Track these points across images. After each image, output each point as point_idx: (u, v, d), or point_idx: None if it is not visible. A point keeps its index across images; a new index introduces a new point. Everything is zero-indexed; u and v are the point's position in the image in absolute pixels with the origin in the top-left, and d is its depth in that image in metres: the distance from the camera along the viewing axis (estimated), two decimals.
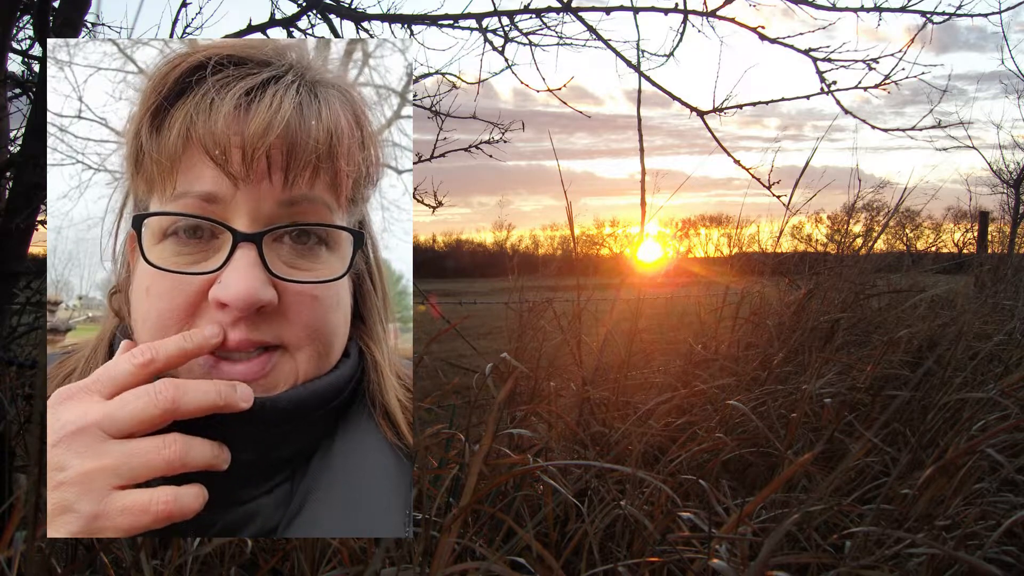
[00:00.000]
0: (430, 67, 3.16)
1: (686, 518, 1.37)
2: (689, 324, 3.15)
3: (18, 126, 2.69)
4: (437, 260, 34.48)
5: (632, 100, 7.10)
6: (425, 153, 3.21)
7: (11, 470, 1.71)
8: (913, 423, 2.14)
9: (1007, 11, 3.04)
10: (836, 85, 2.95)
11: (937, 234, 12.41)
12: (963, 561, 1.19)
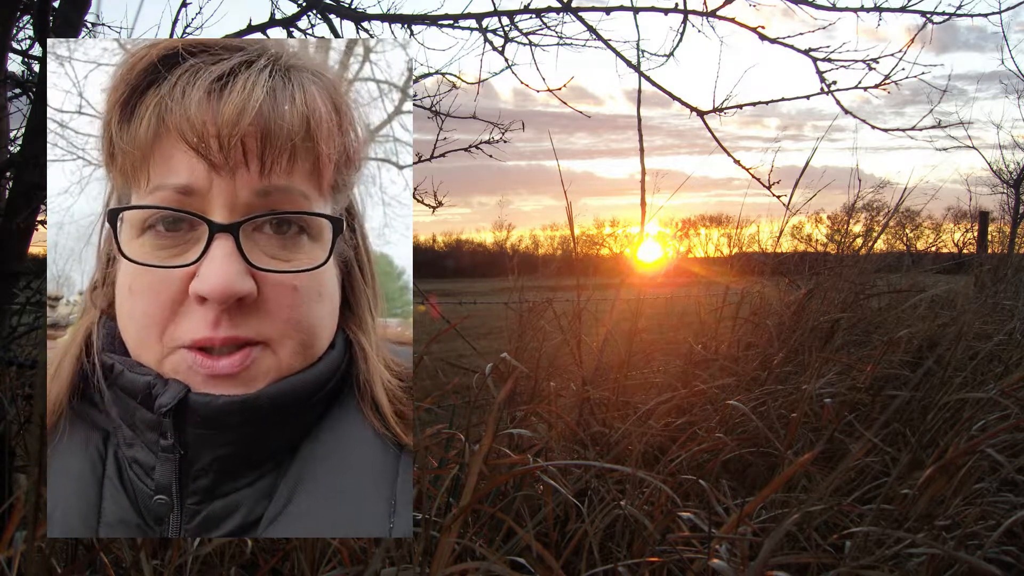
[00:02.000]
0: (430, 67, 3.16)
1: (686, 518, 1.37)
2: (689, 324, 3.15)
3: (18, 126, 2.69)
4: (437, 260, 34.47)
5: (632, 100, 7.10)
6: (425, 153, 3.21)
7: (11, 470, 1.71)
8: (913, 423, 2.14)
9: (1007, 11, 3.05)
10: (836, 85, 2.95)
11: (937, 234, 12.40)
12: (963, 561, 1.19)
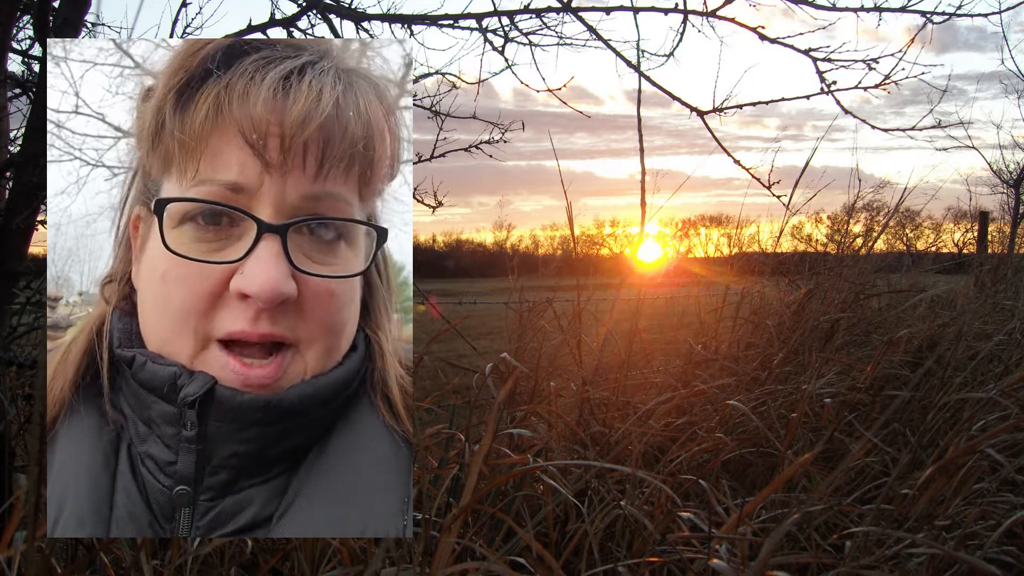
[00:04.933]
0: (430, 67, 3.16)
1: (686, 518, 1.37)
2: (689, 324, 3.14)
3: (18, 126, 2.69)
4: (437, 260, 34.52)
5: (632, 100, 7.09)
6: (425, 153, 3.20)
7: (11, 470, 1.71)
8: (913, 423, 2.14)
9: (1007, 11, 3.05)
10: (836, 85, 2.95)
11: (937, 234, 12.42)
12: (963, 561, 1.19)
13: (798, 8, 2.86)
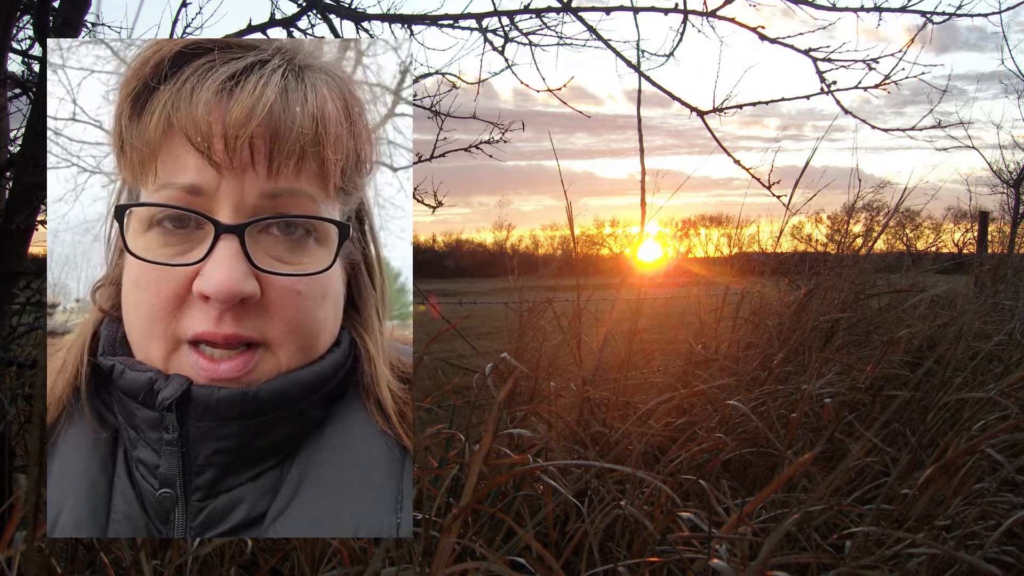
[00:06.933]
0: (430, 67, 3.15)
1: (686, 518, 1.37)
2: (689, 324, 3.15)
3: (18, 126, 2.69)
4: (437, 260, 34.53)
5: (632, 100, 7.10)
6: (425, 153, 3.20)
7: (11, 470, 1.71)
8: (913, 423, 2.14)
9: (1007, 11, 3.04)
10: (836, 85, 2.94)
11: (937, 234, 12.42)
12: (963, 561, 1.19)
13: (798, 8, 2.86)
